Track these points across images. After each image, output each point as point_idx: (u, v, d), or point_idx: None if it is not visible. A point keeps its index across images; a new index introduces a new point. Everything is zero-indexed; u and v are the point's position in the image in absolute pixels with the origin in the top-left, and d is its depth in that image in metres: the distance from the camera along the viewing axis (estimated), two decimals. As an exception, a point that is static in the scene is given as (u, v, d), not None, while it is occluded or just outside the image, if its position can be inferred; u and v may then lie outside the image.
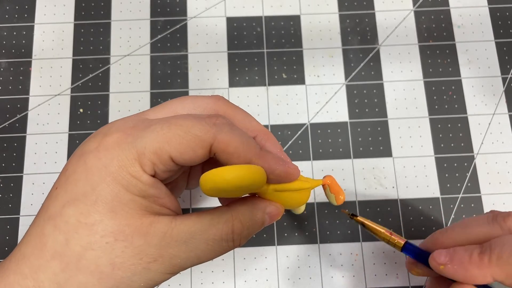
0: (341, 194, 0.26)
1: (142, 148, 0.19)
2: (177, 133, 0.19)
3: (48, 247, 0.19)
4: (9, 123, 0.35)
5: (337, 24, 0.37)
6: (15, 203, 0.33)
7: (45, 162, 0.34)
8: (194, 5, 0.37)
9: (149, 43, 0.37)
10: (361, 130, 0.35)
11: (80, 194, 0.19)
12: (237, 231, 0.21)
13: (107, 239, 0.19)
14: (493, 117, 0.35)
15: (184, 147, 0.19)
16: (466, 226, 0.24)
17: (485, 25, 0.37)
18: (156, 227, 0.19)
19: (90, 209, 0.19)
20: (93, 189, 0.19)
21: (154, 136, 0.19)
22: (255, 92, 0.36)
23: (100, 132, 0.21)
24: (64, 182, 0.20)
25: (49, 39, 0.36)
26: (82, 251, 0.18)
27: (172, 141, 0.19)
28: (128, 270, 0.19)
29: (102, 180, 0.19)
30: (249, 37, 0.37)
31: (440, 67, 0.36)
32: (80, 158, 0.20)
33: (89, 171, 0.19)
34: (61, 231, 0.19)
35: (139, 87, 0.36)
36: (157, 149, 0.19)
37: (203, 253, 0.20)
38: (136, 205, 0.19)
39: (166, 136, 0.19)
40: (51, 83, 0.35)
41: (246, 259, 0.32)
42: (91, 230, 0.19)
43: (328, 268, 0.32)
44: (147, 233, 0.19)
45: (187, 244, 0.20)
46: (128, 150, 0.19)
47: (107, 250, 0.19)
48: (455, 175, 0.34)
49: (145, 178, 0.19)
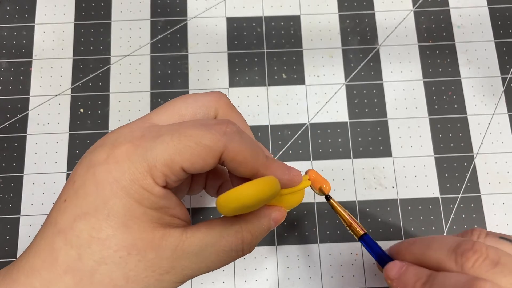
0: (326, 185, 0.26)
1: (153, 160, 0.19)
2: (188, 145, 0.19)
3: (60, 261, 0.18)
4: (9, 123, 0.35)
5: (337, 24, 0.37)
6: (15, 203, 0.33)
7: (46, 162, 0.34)
8: (194, 5, 0.38)
9: (149, 43, 0.37)
10: (361, 130, 0.35)
11: (91, 209, 0.19)
12: (247, 241, 0.21)
13: (121, 254, 0.19)
14: (492, 117, 0.35)
15: (195, 158, 0.19)
16: (429, 247, 0.23)
17: (484, 25, 0.37)
18: (168, 240, 0.20)
19: (102, 224, 0.19)
20: (105, 203, 0.19)
21: (164, 147, 0.19)
22: (255, 92, 0.36)
23: (107, 142, 0.20)
24: (73, 195, 0.19)
25: (49, 39, 0.36)
26: (95, 266, 0.18)
27: (183, 153, 0.19)
28: (141, 282, 0.19)
29: (113, 195, 0.19)
30: (249, 37, 0.37)
31: (440, 67, 0.36)
32: (88, 170, 0.20)
33: (100, 185, 0.19)
34: (73, 246, 0.18)
35: (139, 87, 0.36)
36: (168, 161, 0.19)
37: (213, 263, 0.21)
38: (148, 218, 0.19)
39: (177, 147, 0.19)
40: (51, 83, 0.35)
41: (246, 259, 0.32)
42: (104, 245, 0.18)
43: (328, 268, 0.32)
44: (159, 247, 0.19)
45: (198, 256, 0.20)
46: (139, 163, 0.19)
47: (120, 265, 0.19)
48: (454, 175, 0.34)
49: (157, 190, 0.19)
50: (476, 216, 0.33)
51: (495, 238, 0.23)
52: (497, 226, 0.33)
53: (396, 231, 0.33)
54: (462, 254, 0.21)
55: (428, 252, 0.22)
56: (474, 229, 0.25)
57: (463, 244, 0.21)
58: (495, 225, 0.33)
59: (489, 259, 0.20)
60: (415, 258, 0.23)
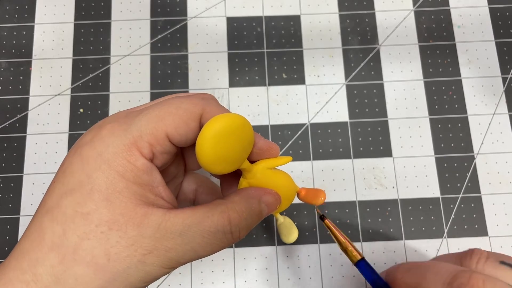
0: (321, 196, 0.25)
1: (138, 131, 0.19)
2: (169, 110, 0.20)
3: (46, 239, 0.19)
4: (9, 123, 0.35)
5: (337, 24, 0.37)
6: (15, 203, 0.33)
7: (45, 162, 0.34)
8: (194, 5, 0.37)
9: (149, 43, 0.37)
10: (361, 130, 0.35)
11: (76, 184, 0.19)
12: (235, 221, 0.21)
13: (102, 229, 0.19)
14: (493, 117, 0.35)
15: (178, 121, 0.20)
16: (424, 278, 0.22)
17: (485, 25, 0.37)
18: (150, 218, 0.19)
19: (86, 198, 0.19)
20: (89, 177, 0.19)
21: (147, 118, 0.20)
22: (255, 92, 0.36)
23: (94, 127, 0.21)
24: (61, 175, 0.20)
25: (49, 39, 0.36)
26: (78, 241, 0.18)
27: (166, 118, 0.20)
28: (123, 262, 0.19)
29: (97, 168, 0.19)
30: (249, 37, 0.37)
31: (440, 67, 0.36)
32: (75, 152, 0.20)
33: (85, 161, 0.19)
34: (58, 222, 0.19)
35: (139, 87, 0.36)
36: (152, 129, 0.20)
37: (200, 246, 0.20)
38: (130, 193, 0.19)
39: (159, 115, 0.20)
40: (51, 83, 0.35)
41: (246, 259, 0.32)
42: (87, 219, 0.19)
43: (328, 268, 0.32)
44: (141, 224, 0.19)
45: (183, 237, 0.19)
46: (124, 136, 0.19)
47: (102, 240, 0.18)
48: (455, 175, 0.34)
49: (140, 163, 0.19)
50: (476, 216, 0.33)
51: (495, 262, 0.23)
52: (497, 226, 0.33)
53: (397, 231, 0.33)
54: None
55: (422, 284, 0.22)
56: (474, 251, 0.24)
57: (460, 277, 0.20)
58: (496, 225, 0.33)
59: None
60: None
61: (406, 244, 0.33)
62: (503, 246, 0.33)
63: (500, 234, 0.33)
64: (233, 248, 0.32)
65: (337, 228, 0.26)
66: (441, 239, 0.33)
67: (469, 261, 0.23)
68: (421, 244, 0.33)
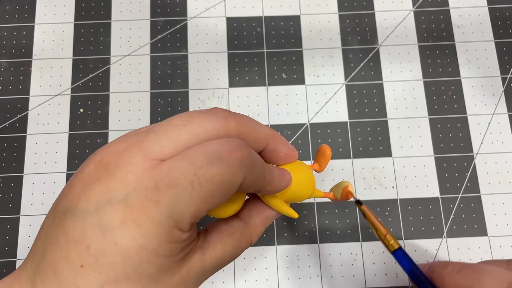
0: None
1: (179, 216, 0.18)
2: (210, 189, 0.18)
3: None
4: (9, 123, 0.35)
5: (337, 24, 0.37)
6: (15, 203, 0.33)
7: (45, 162, 0.34)
8: (194, 5, 0.38)
9: (149, 43, 0.37)
10: (360, 130, 0.35)
11: (121, 276, 0.18)
12: (253, 242, 0.23)
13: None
14: (492, 117, 0.35)
15: (219, 199, 0.19)
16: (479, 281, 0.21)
17: (484, 25, 0.37)
18: (192, 271, 0.20)
19: (134, 286, 0.18)
20: (135, 270, 0.18)
21: (187, 200, 0.18)
22: (255, 92, 0.36)
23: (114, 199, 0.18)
24: (93, 262, 0.18)
25: (49, 39, 0.36)
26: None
27: (208, 200, 0.18)
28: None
29: (143, 260, 0.18)
30: (249, 37, 0.37)
31: (440, 67, 0.36)
32: (105, 235, 0.18)
33: (127, 255, 0.17)
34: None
35: (139, 87, 0.36)
36: (195, 212, 0.18)
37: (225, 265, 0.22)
38: (175, 264, 0.19)
39: (201, 196, 0.18)
40: (51, 83, 0.35)
41: (246, 259, 0.32)
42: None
43: (328, 268, 0.32)
44: (186, 281, 0.20)
45: (217, 268, 0.22)
46: (165, 223, 0.18)
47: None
48: (454, 175, 0.34)
49: (184, 238, 0.19)
50: (476, 216, 0.33)
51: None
52: (497, 226, 0.33)
53: (396, 231, 0.33)
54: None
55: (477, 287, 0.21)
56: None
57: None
58: (495, 225, 0.33)
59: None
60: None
61: (406, 243, 0.33)
62: (502, 246, 0.33)
63: (500, 234, 0.33)
64: (233, 248, 0.33)
65: (374, 215, 0.25)
66: (441, 239, 0.33)
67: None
68: (421, 244, 0.33)
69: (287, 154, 0.23)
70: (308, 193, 0.25)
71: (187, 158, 0.18)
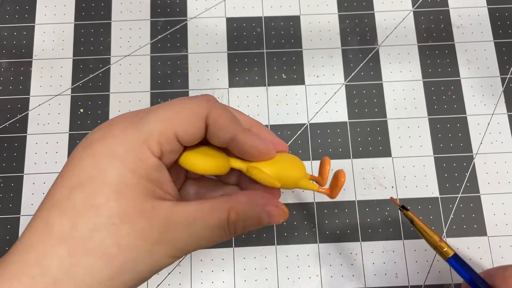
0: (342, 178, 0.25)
1: (149, 131, 0.20)
2: (176, 111, 0.21)
3: (55, 232, 0.19)
4: (9, 123, 0.35)
5: (337, 25, 0.37)
6: (15, 203, 0.33)
7: (46, 162, 0.34)
8: (194, 5, 0.38)
9: (149, 43, 0.37)
10: (360, 130, 0.35)
11: (87, 179, 0.19)
12: (232, 219, 0.22)
13: (113, 220, 0.19)
14: (492, 117, 0.35)
15: (186, 122, 0.20)
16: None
17: (484, 25, 0.37)
18: (159, 210, 0.20)
19: (97, 192, 0.19)
20: (100, 172, 0.19)
21: (157, 118, 0.20)
22: (255, 92, 0.36)
23: (103, 125, 0.21)
24: (70, 169, 0.20)
25: (49, 39, 0.36)
26: (88, 233, 0.19)
27: (175, 119, 0.20)
28: (133, 252, 0.19)
29: (109, 164, 0.19)
30: (249, 38, 0.37)
31: (439, 67, 0.36)
32: (85, 147, 0.20)
33: (96, 157, 0.20)
34: (68, 216, 0.19)
35: (139, 87, 0.36)
36: (162, 129, 0.20)
37: (204, 239, 0.21)
38: (141, 188, 0.20)
39: (169, 115, 0.20)
40: (51, 83, 0.36)
41: (246, 259, 0.32)
42: (98, 212, 0.19)
43: (327, 268, 0.32)
44: (150, 216, 0.20)
45: (188, 229, 0.21)
46: (135, 135, 0.20)
47: (113, 232, 0.19)
48: (454, 175, 0.34)
49: (151, 161, 0.20)
50: (475, 216, 0.33)
51: None
52: (496, 226, 0.33)
53: (396, 231, 0.33)
54: None
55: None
56: None
57: None
58: (495, 225, 0.33)
59: None
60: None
61: (405, 243, 0.33)
62: (501, 246, 0.33)
63: (499, 234, 0.33)
64: (232, 248, 0.33)
65: (422, 222, 0.24)
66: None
67: None
68: (420, 244, 0.33)
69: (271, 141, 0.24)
70: (295, 174, 0.24)
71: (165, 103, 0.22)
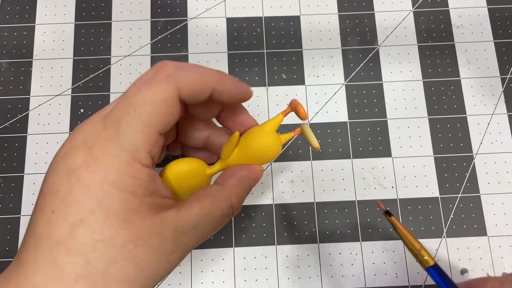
0: (301, 108, 0.26)
1: (132, 145, 0.19)
2: (147, 111, 0.20)
3: (67, 272, 0.18)
4: (10, 123, 0.35)
5: (337, 25, 0.37)
6: (16, 203, 0.33)
7: (46, 162, 0.34)
8: (194, 5, 0.38)
9: (150, 43, 0.37)
10: (360, 130, 0.35)
11: (86, 213, 0.18)
12: (235, 204, 0.23)
13: (128, 248, 0.19)
14: (492, 117, 0.35)
15: (162, 116, 0.20)
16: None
17: (484, 25, 0.37)
18: (167, 222, 0.20)
19: (102, 226, 0.18)
20: (100, 204, 0.18)
21: (132, 128, 0.19)
22: (255, 92, 0.36)
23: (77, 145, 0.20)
24: (61, 204, 0.19)
25: (49, 40, 0.37)
26: (106, 267, 0.18)
27: (151, 121, 0.20)
28: (152, 269, 0.19)
29: (106, 193, 0.19)
30: (249, 38, 0.37)
31: (439, 67, 0.36)
32: (70, 176, 0.19)
33: (89, 188, 0.18)
34: (77, 254, 0.18)
35: (140, 87, 0.36)
36: (147, 138, 0.20)
37: (209, 231, 0.22)
38: (144, 207, 0.19)
39: (143, 120, 0.19)
40: (51, 83, 0.36)
41: (246, 259, 0.32)
42: (110, 244, 0.18)
43: (327, 268, 0.32)
44: (160, 232, 0.20)
45: (196, 229, 0.21)
46: (120, 154, 0.19)
47: (130, 258, 0.19)
48: (454, 175, 0.34)
49: (145, 174, 0.20)
50: (475, 216, 0.33)
51: None
52: (496, 226, 0.33)
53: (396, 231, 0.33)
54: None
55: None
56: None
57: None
58: (495, 225, 0.33)
59: None
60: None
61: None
62: (501, 246, 0.33)
63: (499, 234, 0.33)
64: (233, 248, 0.33)
65: (405, 228, 0.24)
66: (440, 239, 0.33)
67: None
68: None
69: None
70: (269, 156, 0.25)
71: (124, 99, 0.20)
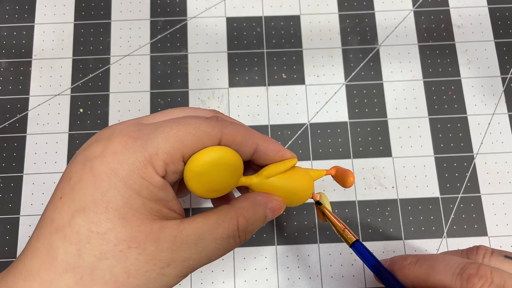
0: (350, 177, 0.26)
1: (155, 149, 0.19)
2: (188, 131, 0.19)
3: (60, 260, 0.18)
4: (9, 123, 0.35)
5: (337, 24, 0.37)
6: (15, 203, 0.33)
7: (45, 162, 0.34)
8: (194, 5, 0.38)
9: (149, 43, 0.37)
10: (360, 130, 0.35)
11: (89, 203, 0.18)
12: (242, 227, 0.21)
13: (121, 247, 0.18)
14: (492, 117, 0.35)
15: (196, 143, 0.20)
16: (433, 268, 0.23)
17: (484, 25, 0.37)
18: (166, 231, 0.19)
19: (101, 218, 0.18)
20: (103, 196, 0.18)
21: (165, 136, 0.19)
22: (255, 92, 0.36)
23: (102, 137, 0.20)
24: (69, 191, 0.19)
25: (49, 39, 0.36)
26: (95, 262, 0.18)
27: (184, 139, 0.19)
28: (143, 277, 0.19)
29: (112, 186, 0.18)
30: (249, 37, 0.37)
31: (440, 67, 0.36)
32: (85, 165, 0.19)
33: (98, 178, 0.18)
34: (72, 243, 0.18)
35: (139, 87, 0.36)
36: (170, 148, 0.19)
37: (213, 252, 0.21)
38: (146, 210, 0.19)
39: (178, 135, 0.19)
40: (51, 83, 0.35)
41: (246, 259, 0.32)
42: (104, 239, 0.18)
43: (328, 268, 0.32)
44: (158, 239, 0.19)
45: (197, 246, 0.20)
46: (140, 153, 0.19)
47: (121, 258, 0.18)
48: (454, 175, 0.34)
49: (156, 180, 0.19)
50: (476, 216, 0.33)
51: (500, 257, 0.24)
52: (496, 226, 0.33)
53: (396, 231, 0.33)
54: (468, 279, 0.21)
55: (432, 274, 0.23)
56: (479, 247, 0.25)
57: (468, 268, 0.22)
58: (495, 225, 0.33)
59: (494, 284, 0.20)
60: (418, 279, 0.23)
61: (406, 243, 0.33)
62: (502, 246, 0.33)
63: (500, 234, 0.33)
64: (233, 248, 0.32)
65: (332, 213, 0.26)
66: (441, 239, 0.33)
67: (475, 256, 0.24)
68: (421, 244, 0.33)
69: (273, 152, 0.23)
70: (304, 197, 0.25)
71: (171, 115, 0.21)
